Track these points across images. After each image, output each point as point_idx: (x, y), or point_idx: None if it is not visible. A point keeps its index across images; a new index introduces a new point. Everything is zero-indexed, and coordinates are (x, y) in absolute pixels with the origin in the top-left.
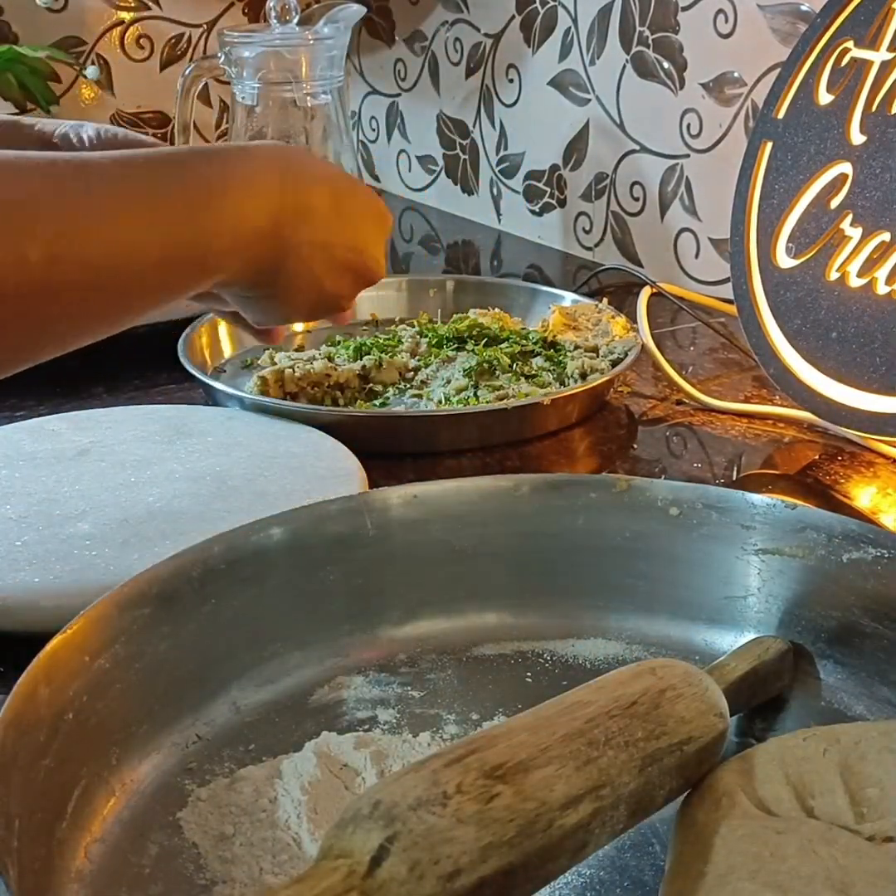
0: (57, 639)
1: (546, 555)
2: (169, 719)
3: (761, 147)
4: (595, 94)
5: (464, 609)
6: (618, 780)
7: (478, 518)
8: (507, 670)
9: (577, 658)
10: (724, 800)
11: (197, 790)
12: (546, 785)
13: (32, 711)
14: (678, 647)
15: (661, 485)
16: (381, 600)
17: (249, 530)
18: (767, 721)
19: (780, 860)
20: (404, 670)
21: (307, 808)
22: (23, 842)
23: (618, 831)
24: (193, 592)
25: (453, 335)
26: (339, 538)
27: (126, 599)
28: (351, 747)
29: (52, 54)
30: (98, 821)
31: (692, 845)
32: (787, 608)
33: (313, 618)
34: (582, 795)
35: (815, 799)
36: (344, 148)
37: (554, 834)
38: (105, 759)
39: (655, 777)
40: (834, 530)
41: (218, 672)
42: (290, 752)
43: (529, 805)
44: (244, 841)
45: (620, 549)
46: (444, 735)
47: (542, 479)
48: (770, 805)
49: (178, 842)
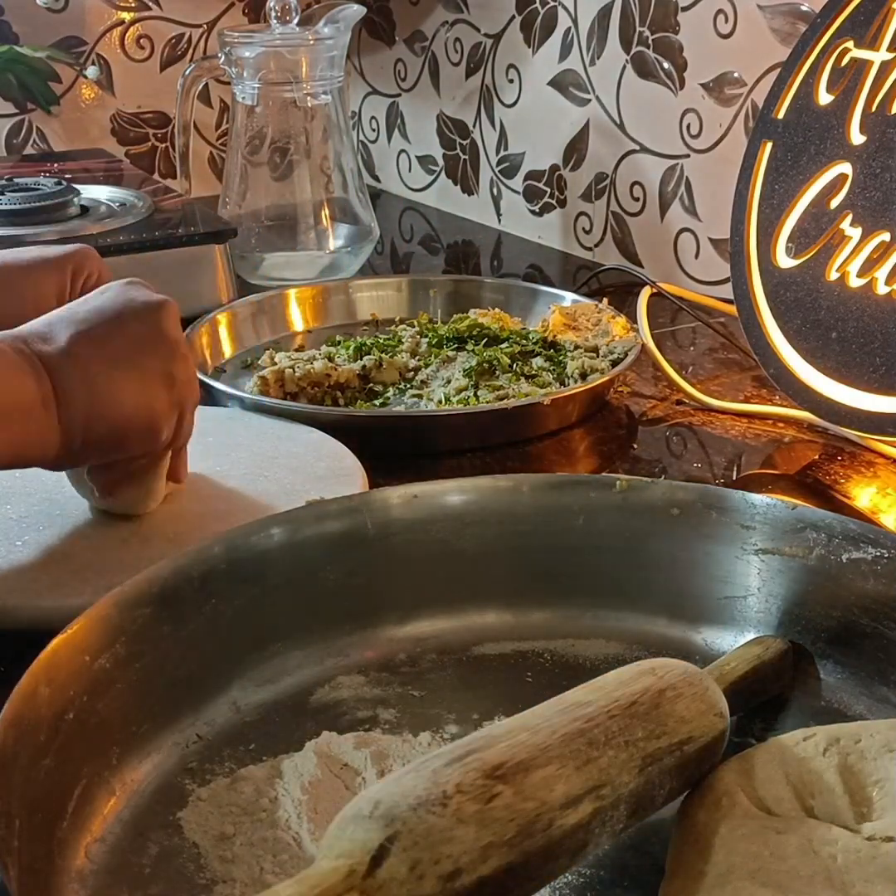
0: (57, 639)
1: (546, 555)
2: (169, 719)
3: (761, 147)
4: (595, 94)
5: (464, 609)
6: (618, 779)
7: (478, 518)
8: (507, 670)
9: (577, 658)
10: (724, 800)
11: (197, 790)
12: (546, 785)
13: (33, 711)
14: (678, 647)
15: (661, 485)
16: (381, 600)
17: (249, 530)
18: (767, 721)
19: (780, 860)
20: (404, 670)
21: (307, 807)
22: (23, 841)
23: (618, 831)
24: (194, 592)
25: (453, 335)
26: (339, 538)
27: (126, 599)
28: (351, 747)
29: (52, 54)
30: (98, 820)
31: (692, 845)
32: (786, 608)
33: (313, 618)
34: (582, 795)
35: (814, 799)
36: (344, 148)
37: (554, 834)
38: (105, 758)
39: (655, 777)
40: (834, 530)
41: (218, 672)
42: (290, 751)
43: (530, 805)
44: (244, 841)
45: (620, 549)
46: (444, 735)
47: (542, 479)
48: (770, 805)
49: (178, 841)
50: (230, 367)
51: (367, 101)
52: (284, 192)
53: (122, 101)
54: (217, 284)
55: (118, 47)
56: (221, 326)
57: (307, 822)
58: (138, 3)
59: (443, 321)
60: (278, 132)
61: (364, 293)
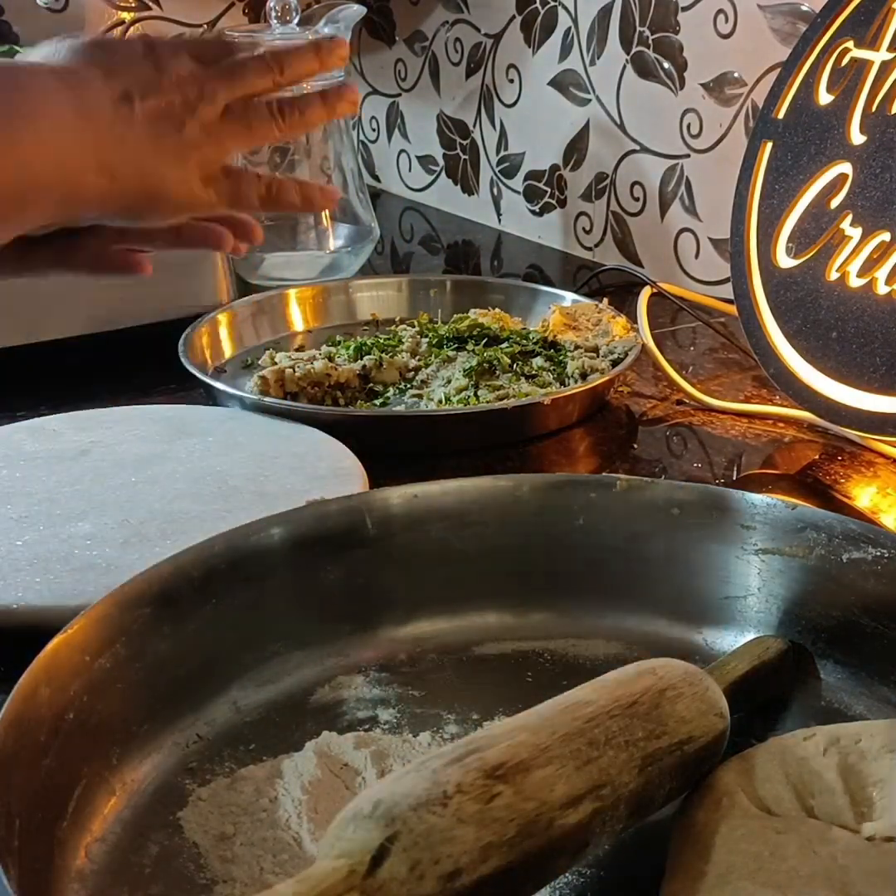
0: (57, 638)
1: (546, 555)
2: (169, 719)
3: (761, 147)
4: (595, 94)
5: (464, 609)
6: (618, 779)
7: (478, 518)
8: (507, 670)
9: (578, 658)
10: (724, 800)
11: (197, 790)
12: (546, 785)
13: (33, 711)
14: (678, 647)
15: (661, 485)
16: (382, 600)
17: (250, 530)
18: (767, 721)
19: (780, 860)
20: (405, 670)
21: (307, 807)
22: (23, 841)
23: (617, 831)
24: (194, 592)
25: (453, 335)
26: (340, 538)
27: (127, 599)
28: (351, 747)
29: None
30: (99, 820)
31: (692, 845)
32: (787, 608)
33: (313, 618)
34: (582, 795)
35: (814, 798)
36: (344, 148)
37: (554, 834)
38: (105, 758)
39: (656, 777)
40: (834, 530)
41: (218, 672)
42: (290, 751)
43: (530, 805)
44: (245, 840)
45: (620, 548)
46: (444, 735)
47: (542, 479)
48: (770, 805)
49: (178, 841)
50: (230, 367)
51: (367, 101)
52: None
53: None
54: (217, 284)
55: None
56: (221, 326)
57: (307, 822)
58: (138, 3)
59: (443, 321)
60: None
61: (364, 293)
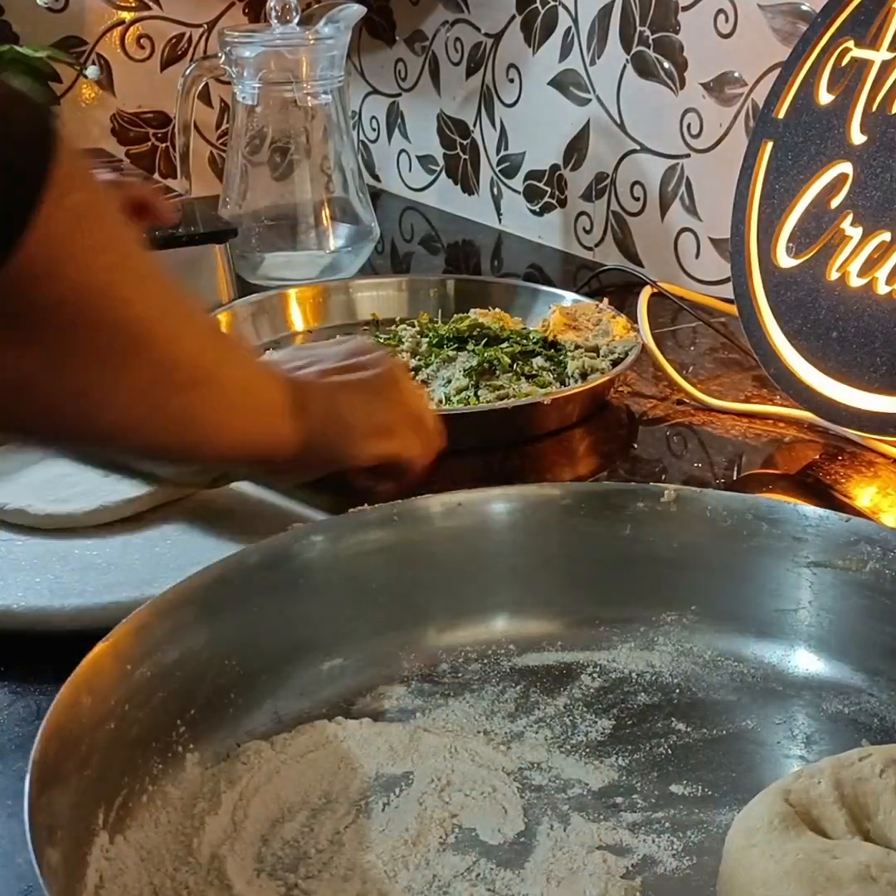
0: (98, 647)
1: (592, 564)
2: (210, 728)
3: (762, 147)
4: (595, 94)
5: (507, 618)
6: None
7: (522, 526)
8: (551, 681)
9: (623, 670)
10: (776, 821)
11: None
12: None
13: (74, 722)
14: (727, 659)
15: (709, 495)
16: (424, 609)
17: (290, 538)
18: (820, 741)
19: (838, 887)
20: (447, 680)
21: None
22: (64, 854)
23: None
24: (234, 601)
25: (454, 335)
26: (381, 546)
27: (167, 608)
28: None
29: (52, 54)
30: (139, 831)
31: (746, 870)
32: (838, 622)
33: (354, 626)
34: None
35: (870, 821)
36: (344, 148)
37: None
38: (146, 768)
39: None
40: (889, 543)
41: (259, 681)
42: None
43: None
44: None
45: (668, 559)
46: (488, 747)
47: (588, 488)
48: (825, 827)
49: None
50: None
51: (367, 101)
52: (284, 191)
53: (122, 101)
54: (217, 284)
55: (118, 47)
56: (222, 326)
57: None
58: (138, 2)
59: (443, 321)
60: (278, 132)
61: (364, 293)
